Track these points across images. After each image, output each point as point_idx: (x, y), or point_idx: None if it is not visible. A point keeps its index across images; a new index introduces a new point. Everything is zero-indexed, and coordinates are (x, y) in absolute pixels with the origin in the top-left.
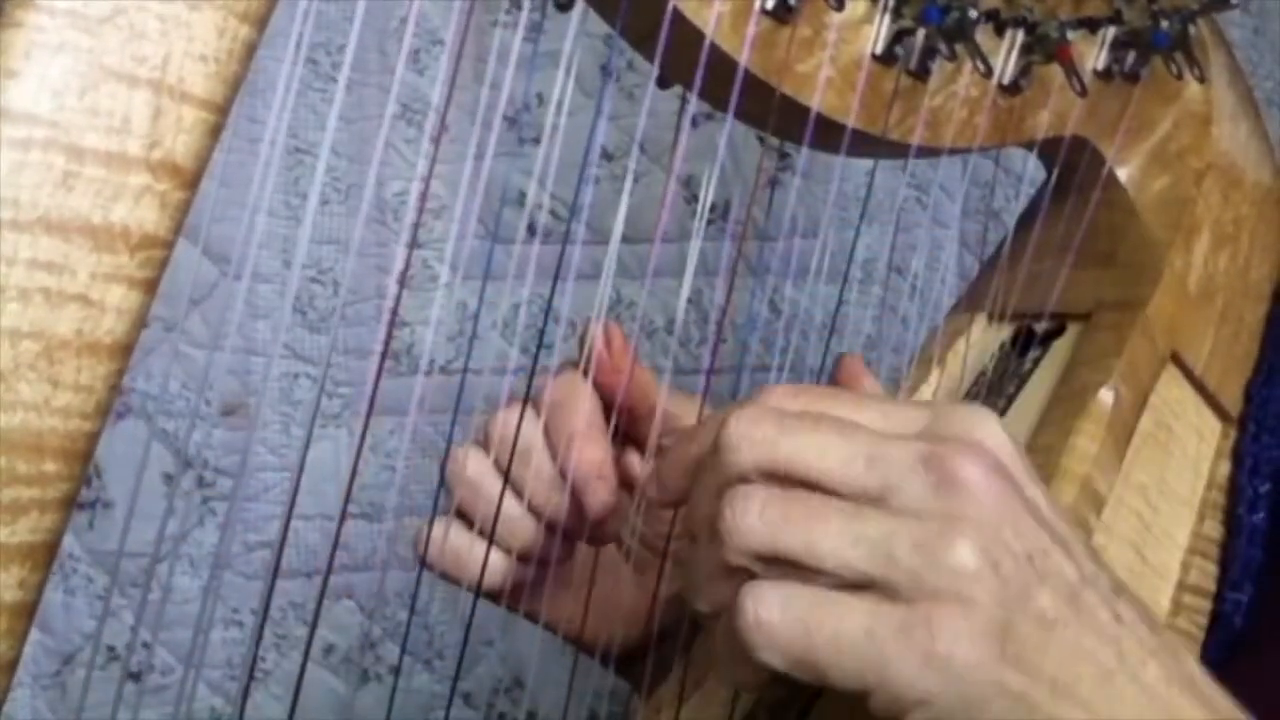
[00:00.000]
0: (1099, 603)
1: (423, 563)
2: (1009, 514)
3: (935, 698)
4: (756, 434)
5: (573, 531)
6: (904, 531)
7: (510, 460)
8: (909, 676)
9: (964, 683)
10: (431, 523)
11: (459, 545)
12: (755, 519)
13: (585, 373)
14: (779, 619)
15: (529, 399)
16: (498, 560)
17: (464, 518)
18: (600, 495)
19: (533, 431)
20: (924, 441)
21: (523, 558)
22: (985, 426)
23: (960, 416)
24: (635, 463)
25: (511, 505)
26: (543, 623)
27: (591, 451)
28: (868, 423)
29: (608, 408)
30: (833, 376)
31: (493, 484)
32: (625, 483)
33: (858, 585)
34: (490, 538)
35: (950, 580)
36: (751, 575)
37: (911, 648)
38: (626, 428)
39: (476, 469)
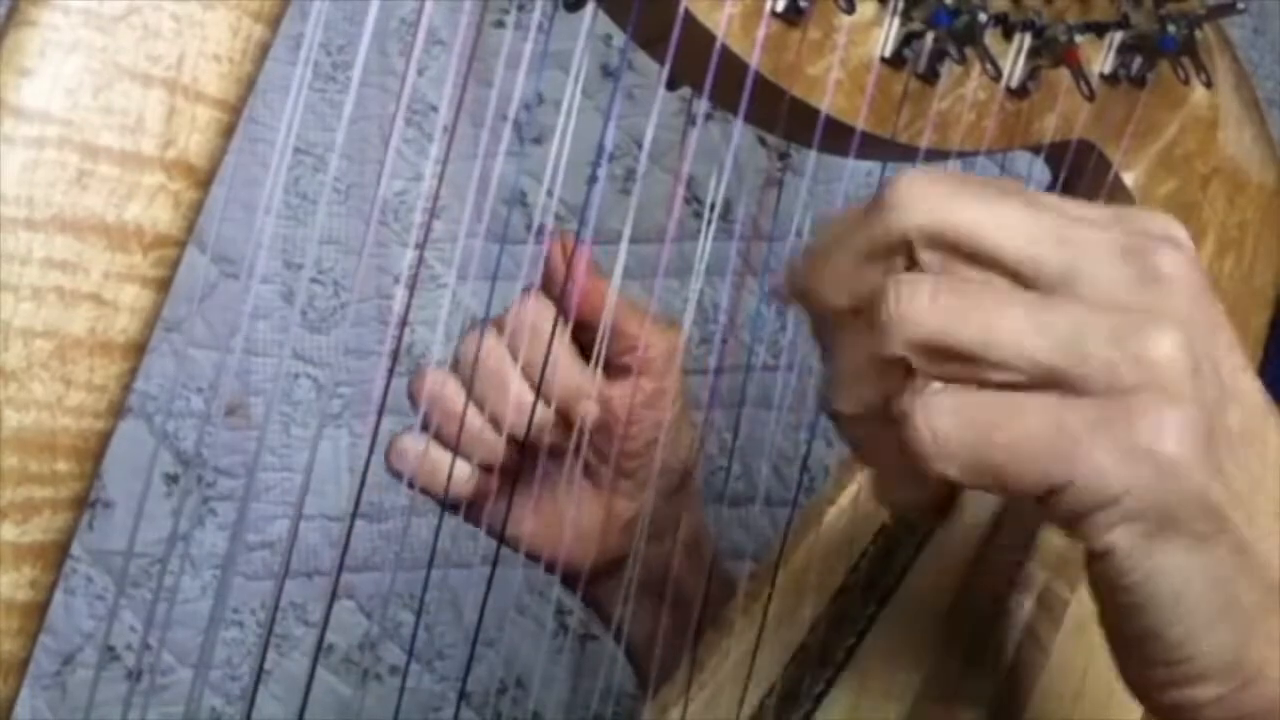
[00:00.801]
0: (1276, 432)
1: (398, 475)
2: (1208, 319)
3: (1133, 492)
4: (933, 191)
5: (548, 446)
6: (1098, 321)
7: (472, 379)
8: (1106, 468)
9: (1166, 480)
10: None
11: (434, 458)
12: (925, 305)
13: (546, 283)
14: (953, 427)
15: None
16: (465, 471)
17: (437, 437)
18: (591, 412)
19: (500, 352)
20: (1120, 231)
21: (487, 469)
22: (1175, 225)
23: (1153, 215)
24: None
25: (476, 421)
26: (508, 537)
27: (572, 372)
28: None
29: (574, 325)
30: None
31: (459, 402)
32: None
33: (1041, 385)
34: (456, 448)
35: (1150, 374)
36: (909, 371)
37: (1111, 440)
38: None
39: (444, 388)
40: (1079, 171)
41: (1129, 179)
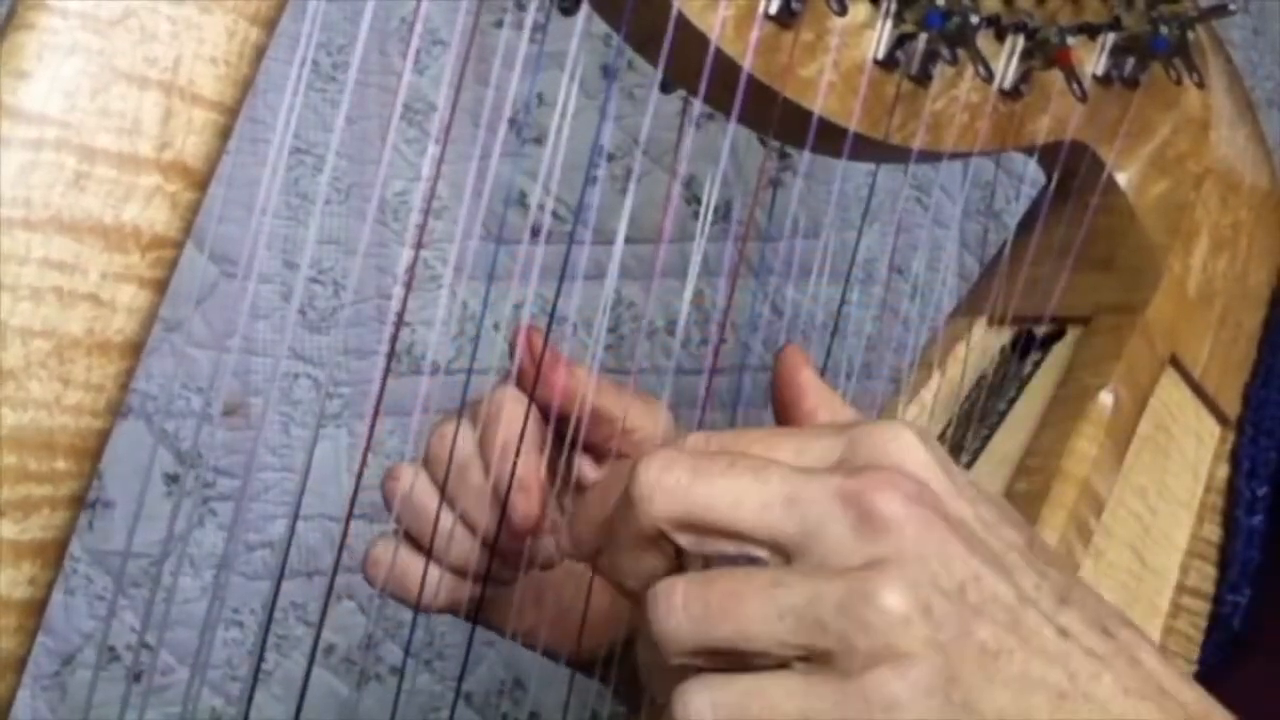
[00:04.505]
0: (1042, 621)
1: (372, 584)
2: (934, 545)
3: None
4: (668, 481)
5: (504, 545)
6: (827, 591)
7: (446, 475)
8: None
9: None
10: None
11: (405, 565)
12: (680, 619)
13: (519, 382)
14: None
15: (463, 411)
16: (438, 578)
17: (410, 538)
18: (519, 509)
19: (469, 446)
20: (840, 474)
21: (462, 573)
22: (900, 444)
23: (875, 439)
24: (585, 466)
25: (447, 521)
26: (514, 635)
27: (517, 463)
28: (785, 458)
29: (548, 414)
30: (774, 368)
31: (430, 501)
32: (580, 487)
33: (799, 659)
34: (429, 554)
35: (881, 636)
36: (700, 668)
37: None
38: (572, 430)
39: (417, 486)
40: (1072, 172)
41: (1122, 180)
